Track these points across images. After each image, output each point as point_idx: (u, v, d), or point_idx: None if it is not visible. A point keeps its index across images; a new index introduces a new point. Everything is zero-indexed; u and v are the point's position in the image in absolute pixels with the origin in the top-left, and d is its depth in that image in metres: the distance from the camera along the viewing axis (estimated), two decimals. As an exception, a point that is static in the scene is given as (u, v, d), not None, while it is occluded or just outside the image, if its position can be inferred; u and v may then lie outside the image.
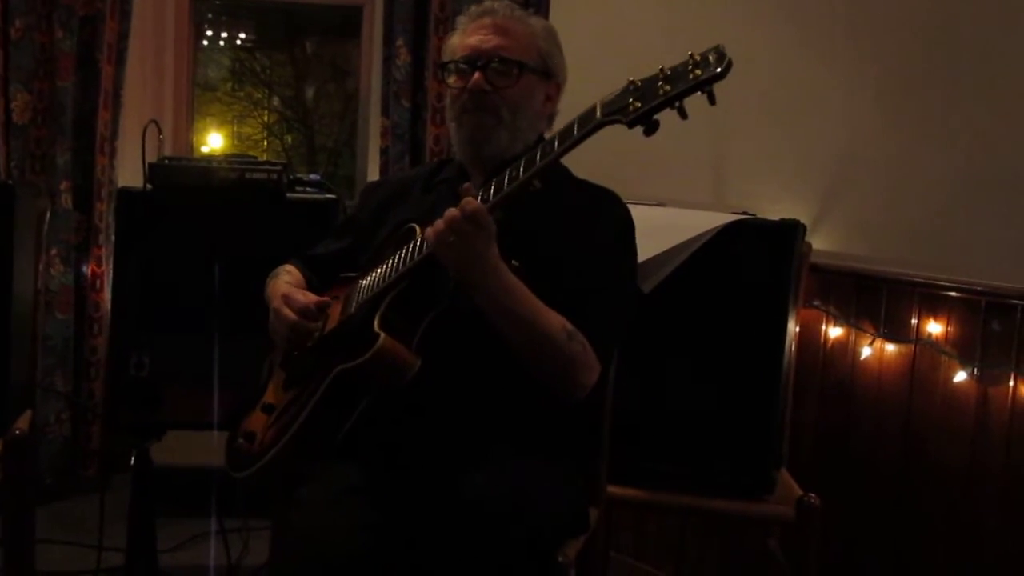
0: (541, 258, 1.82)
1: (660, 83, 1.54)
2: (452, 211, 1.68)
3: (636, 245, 1.99)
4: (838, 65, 2.76)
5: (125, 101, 3.55)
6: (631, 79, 1.59)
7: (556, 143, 1.65)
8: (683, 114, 1.55)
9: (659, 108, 1.54)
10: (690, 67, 1.52)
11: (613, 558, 3.04)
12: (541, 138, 2.02)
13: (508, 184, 1.69)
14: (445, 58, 2.02)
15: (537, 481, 1.77)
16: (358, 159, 4.19)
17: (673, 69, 1.54)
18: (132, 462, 2.76)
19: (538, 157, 1.67)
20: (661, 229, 2.28)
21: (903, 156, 2.64)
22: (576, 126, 1.64)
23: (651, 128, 1.56)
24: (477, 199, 1.70)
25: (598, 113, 1.61)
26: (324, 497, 1.75)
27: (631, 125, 1.57)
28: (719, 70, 1.49)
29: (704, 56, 1.52)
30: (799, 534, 2.28)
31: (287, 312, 1.92)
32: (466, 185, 1.75)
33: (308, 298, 1.94)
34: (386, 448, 1.84)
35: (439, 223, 1.70)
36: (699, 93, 1.52)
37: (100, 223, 3.48)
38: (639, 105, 1.55)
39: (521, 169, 1.69)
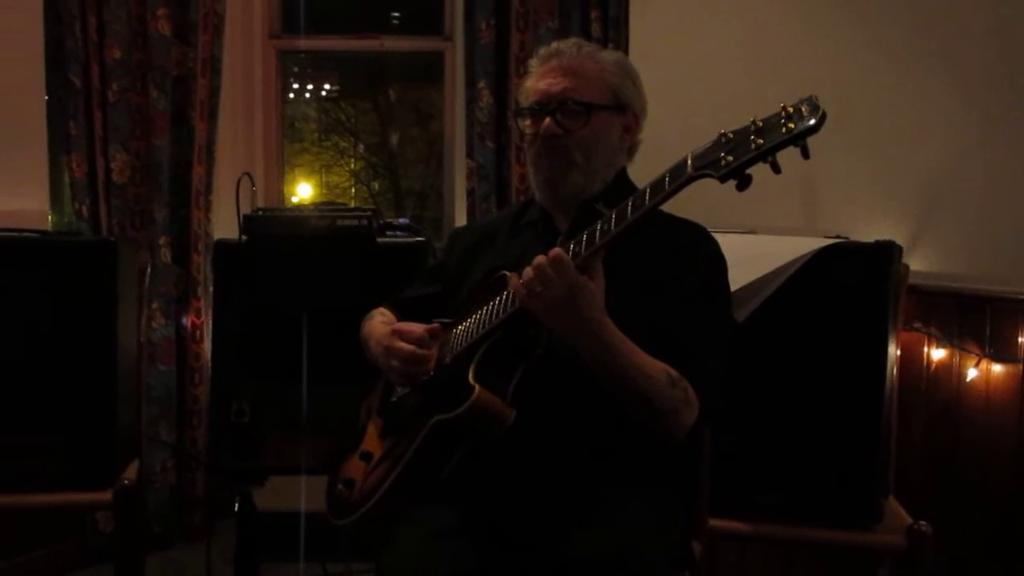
0: (634, 300, 1.80)
1: (752, 136, 1.50)
2: (539, 259, 1.68)
3: (729, 280, 1.97)
4: (928, 81, 2.72)
5: (218, 156, 3.65)
6: (722, 131, 1.55)
7: (647, 196, 1.63)
8: (776, 168, 1.50)
9: (752, 162, 1.51)
10: (783, 119, 1.47)
11: (718, 593, 2.99)
12: (623, 172, 2.02)
13: (600, 237, 1.67)
14: (520, 102, 2.03)
15: (641, 528, 1.74)
16: (445, 201, 4.23)
17: (765, 121, 1.50)
18: (236, 508, 2.80)
19: (629, 211, 1.65)
20: (753, 257, 2.25)
21: (998, 170, 2.58)
22: (667, 180, 1.61)
23: (744, 183, 1.53)
24: (568, 254, 1.68)
25: (689, 167, 1.58)
26: (418, 540, 1.75)
27: (723, 180, 1.53)
28: (813, 122, 1.45)
29: (797, 108, 1.47)
30: (911, 563, 2.21)
31: (401, 344, 1.91)
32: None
33: (419, 328, 1.93)
34: (483, 492, 1.83)
35: (527, 271, 1.70)
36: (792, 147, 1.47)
37: (198, 275, 3.57)
38: (731, 159, 1.52)
39: (612, 223, 1.66)
